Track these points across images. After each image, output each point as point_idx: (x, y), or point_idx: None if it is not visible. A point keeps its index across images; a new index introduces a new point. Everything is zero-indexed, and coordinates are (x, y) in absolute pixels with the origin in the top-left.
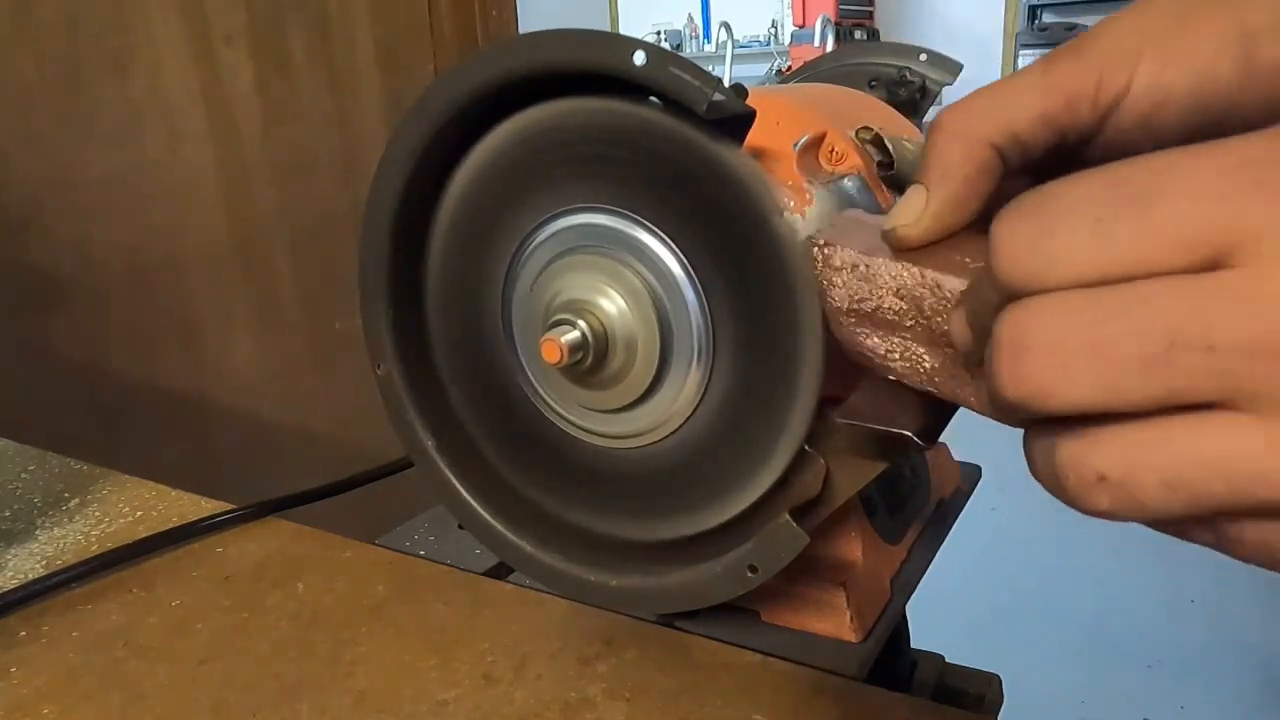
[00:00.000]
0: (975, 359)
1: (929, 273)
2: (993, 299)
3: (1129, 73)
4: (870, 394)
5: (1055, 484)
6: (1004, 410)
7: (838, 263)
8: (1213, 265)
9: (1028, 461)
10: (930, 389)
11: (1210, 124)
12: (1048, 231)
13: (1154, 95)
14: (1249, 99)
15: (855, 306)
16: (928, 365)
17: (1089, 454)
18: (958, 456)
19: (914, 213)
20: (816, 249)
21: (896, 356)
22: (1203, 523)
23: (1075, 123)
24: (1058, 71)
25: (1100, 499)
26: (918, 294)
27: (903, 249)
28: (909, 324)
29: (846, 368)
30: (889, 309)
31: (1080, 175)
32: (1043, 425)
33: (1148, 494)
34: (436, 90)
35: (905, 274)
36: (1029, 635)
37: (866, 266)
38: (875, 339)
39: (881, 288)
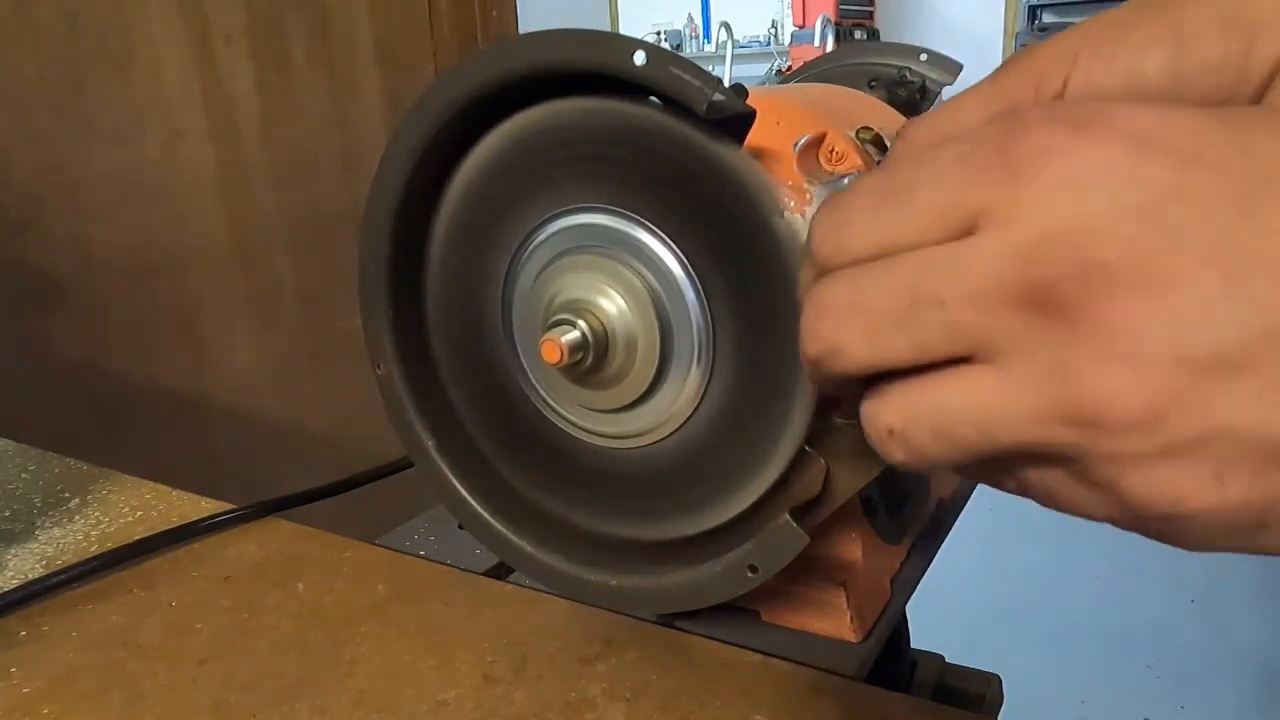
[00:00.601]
0: None
1: None
2: (807, 280)
3: (1064, 74)
4: None
5: (871, 442)
6: (814, 374)
7: None
8: (962, 238)
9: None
10: None
11: None
12: (844, 218)
13: (1086, 95)
14: (1185, 99)
15: None
16: None
17: (880, 410)
18: None
19: None
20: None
21: None
22: (996, 470)
23: None
24: (1004, 78)
25: (894, 451)
26: None
27: None
28: None
29: None
30: None
31: (871, 172)
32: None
33: (924, 442)
34: (436, 90)
35: None
36: (1029, 635)
37: None
38: None
39: None
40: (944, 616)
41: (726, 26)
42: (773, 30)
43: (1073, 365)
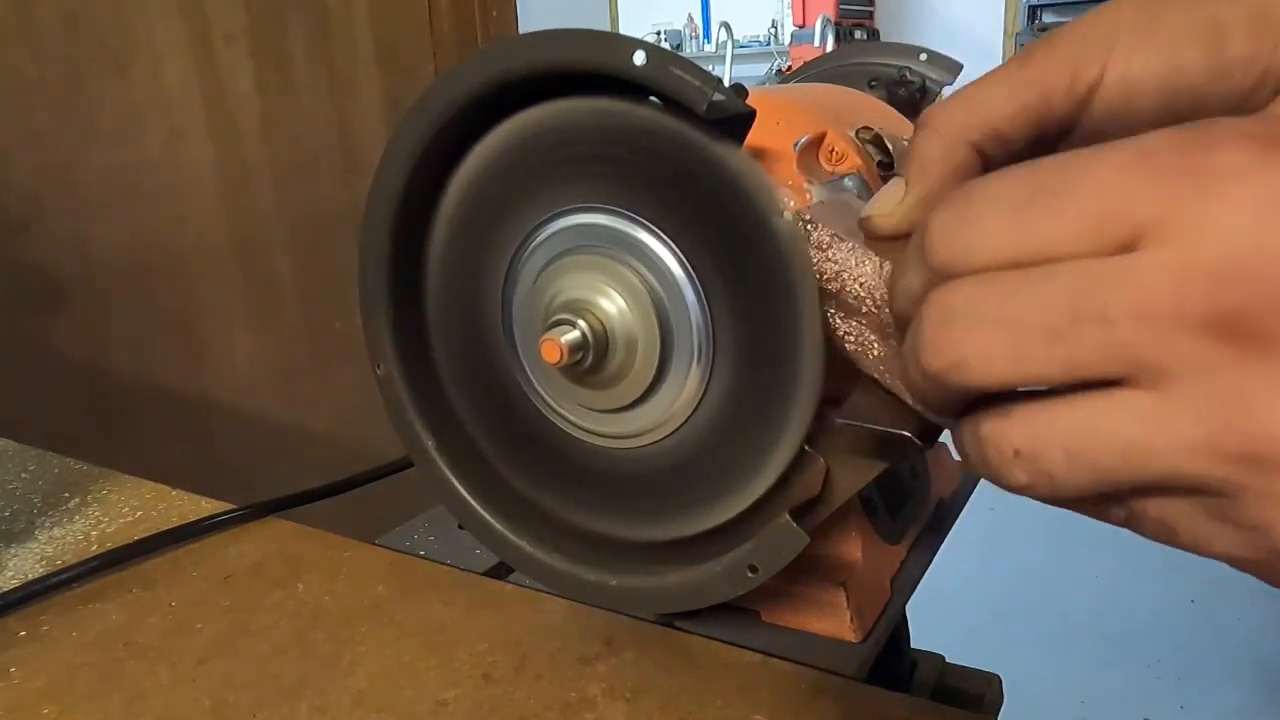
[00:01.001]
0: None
1: (887, 265)
2: (915, 285)
3: (1101, 64)
4: (870, 394)
5: (981, 463)
6: (926, 388)
7: (814, 240)
8: (1123, 250)
9: (958, 449)
10: (875, 376)
11: (1180, 117)
12: (972, 219)
13: (1125, 85)
14: (1217, 91)
15: (823, 285)
16: (875, 353)
17: (1005, 428)
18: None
19: (890, 204)
20: (800, 224)
21: (851, 340)
22: (1112, 500)
23: (1052, 115)
24: (1033, 67)
25: (1017, 473)
26: (874, 283)
27: (874, 238)
28: (864, 310)
29: (846, 368)
30: (850, 292)
31: (1003, 171)
32: (969, 413)
33: (1055, 465)
34: (436, 90)
35: (867, 262)
36: (1029, 635)
37: (836, 249)
38: (837, 319)
39: (845, 271)
40: (944, 616)
41: (726, 26)
42: (773, 30)
43: (1251, 395)
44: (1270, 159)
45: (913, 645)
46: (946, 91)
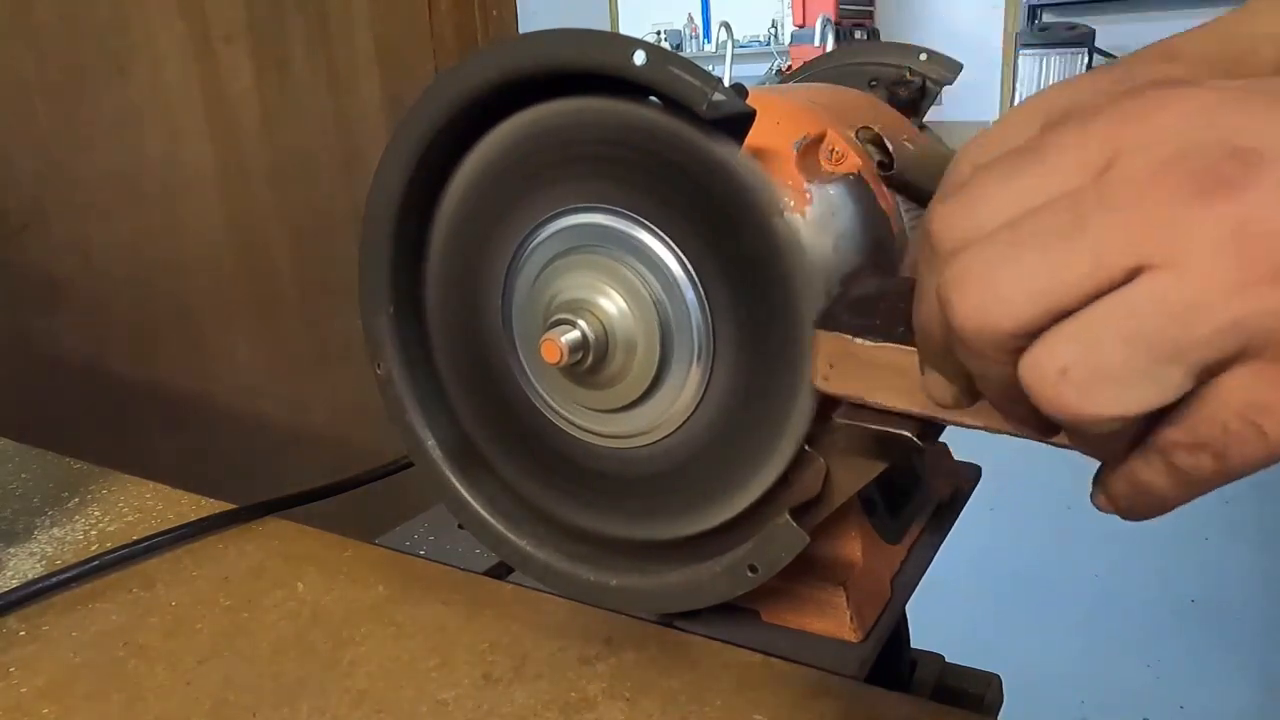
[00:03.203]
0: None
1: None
2: (933, 284)
3: None
4: None
5: (1036, 394)
6: (975, 360)
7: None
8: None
9: (1007, 417)
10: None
11: None
12: (967, 201)
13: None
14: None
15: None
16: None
17: (1048, 350)
18: (958, 456)
19: None
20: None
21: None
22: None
23: None
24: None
25: (1067, 392)
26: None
27: None
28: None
29: None
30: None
31: (977, 175)
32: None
33: (1113, 357)
34: (437, 90)
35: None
36: (1029, 635)
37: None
38: None
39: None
40: (944, 616)
41: (726, 26)
42: (773, 30)
43: (1257, 218)
44: (1178, 89)
45: (913, 645)
46: (946, 91)
